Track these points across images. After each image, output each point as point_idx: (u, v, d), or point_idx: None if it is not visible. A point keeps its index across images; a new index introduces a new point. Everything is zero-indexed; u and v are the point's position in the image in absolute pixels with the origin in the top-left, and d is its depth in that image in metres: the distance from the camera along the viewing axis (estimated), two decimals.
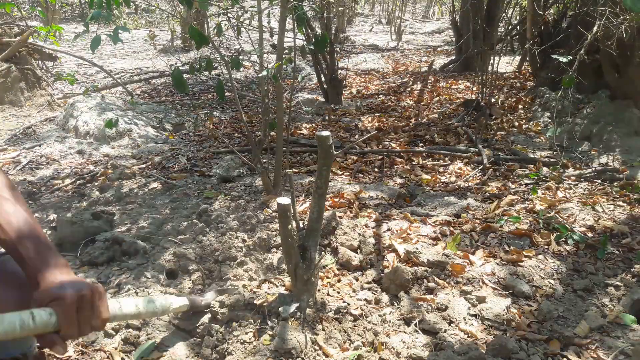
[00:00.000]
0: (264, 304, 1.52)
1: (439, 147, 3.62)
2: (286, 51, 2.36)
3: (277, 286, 1.75)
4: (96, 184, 2.96)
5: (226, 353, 1.38)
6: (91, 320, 0.91)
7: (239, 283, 1.74)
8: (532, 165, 3.17)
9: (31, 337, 1.17)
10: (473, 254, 1.97)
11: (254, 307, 1.52)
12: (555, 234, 2.08)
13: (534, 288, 1.73)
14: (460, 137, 3.88)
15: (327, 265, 1.88)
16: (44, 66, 5.69)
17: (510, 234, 2.12)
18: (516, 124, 4.17)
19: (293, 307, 1.47)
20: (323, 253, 1.95)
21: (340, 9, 10.47)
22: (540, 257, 1.94)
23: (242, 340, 1.41)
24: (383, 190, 2.75)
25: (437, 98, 5.35)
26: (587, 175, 2.89)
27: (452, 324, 1.55)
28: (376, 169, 3.28)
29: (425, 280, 1.76)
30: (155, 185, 2.92)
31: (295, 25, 2.23)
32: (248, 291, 1.65)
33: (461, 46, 6.92)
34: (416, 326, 1.54)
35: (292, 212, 1.39)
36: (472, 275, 1.80)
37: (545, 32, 4.77)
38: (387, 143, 3.80)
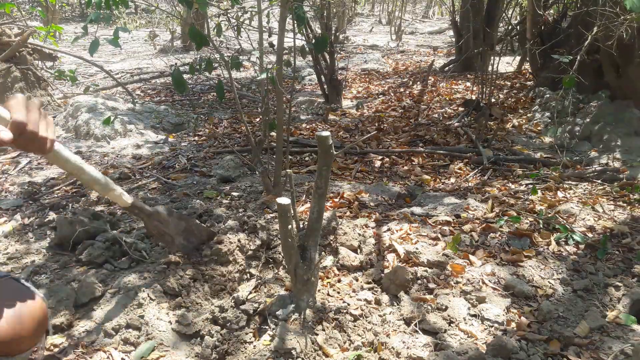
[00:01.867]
0: (264, 304, 1.52)
1: (439, 147, 3.61)
2: (286, 51, 2.35)
3: (277, 286, 1.75)
4: None
5: (226, 353, 1.38)
6: (39, 119, 1.00)
7: (239, 283, 1.74)
8: (532, 165, 3.17)
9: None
10: (473, 254, 1.97)
11: (253, 307, 1.52)
12: (555, 234, 2.08)
13: (534, 288, 1.73)
14: (460, 137, 3.88)
15: (327, 266, 1.88)
16: (44, 66, 5.69)
17: (510, 234, 2.12)
18: (516, 124, 4.17)
19: (290, 309, 1.47)
20: (323, 253, 1.95)
21: (340, 9, 10.47)
22: (540, 257, 1.94)
23: (242, 341, 1.41)
24: (383, 190, 2.75)
25: (437, 98, 5.35)
26: (587, 175, 2.89)
27: (452, 324, 1.55)
28: (376, 169, 3.28)
29: (425, 281, 1.76)
30: (155, 185, 2.92)
31: (295, 25, 2.23)
32: (248, 291, 1.65)
33: (461, 46, 6.91)
34: (416, 326, 1.54)
35: (292, 212, 1.39)
36: (472, 275, 1.80)
37: (545, 32, 4.77)
38: (387, 143, 3.80)
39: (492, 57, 4.35)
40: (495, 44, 5.07)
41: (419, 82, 6.26)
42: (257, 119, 4.53)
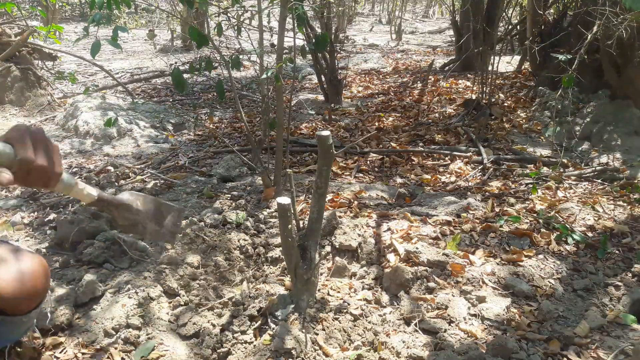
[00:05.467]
0: (264, 304, 1.52)
1: (439, 147, 3.61)
2: (286, 51, 2.35)
3: (277, 286, 1.75)
4: (93, 181, 2.96)
5: (226, 353, 1.38)
6: (46, 152, 0.87)
7: (239, 282, 1.74)
8: (532, 165, 3.17)
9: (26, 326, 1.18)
10: (473, 253, 1.97)
11: (253, 307, 1.52)
12: (555, 234, 2.08)
13: (534, 288, 1.73)
14: (461, 136, 3.88)
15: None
16: (44, 66, 5.69)
17: (510, 233, 2.12)
18: (516, 123, 4.17)
19: (290, 308, 1.47)
20: (323, 253, 1.95)
21: (340, 8, 10.46)
22: (540, 257, 1.94)
23: (242, 341, 1.41)
24: (383, 190, 2.75)
25: (437, 98, 5.35)
26: (587, 175, 2.89)
27: (452, 324, 1.55)
28: (376, 169, 3.28)
29: (425, 280, 1.76)
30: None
31: (295, 25, 2.23)
32: (248, 290, 1.65)
33: (461, 46, 6.90)
34: (416, 326, 1.54)
35: (292, 212, 1.39)
36: (472, 275, 1.80)
37: (545, 31, 4.77)
38: (387, 143, 3.80)
39: (492, 57, 4.35)
40: (495, 44, 5.07)
41: (419, 82, 6.26)
42: (257, 119, 4.53)
